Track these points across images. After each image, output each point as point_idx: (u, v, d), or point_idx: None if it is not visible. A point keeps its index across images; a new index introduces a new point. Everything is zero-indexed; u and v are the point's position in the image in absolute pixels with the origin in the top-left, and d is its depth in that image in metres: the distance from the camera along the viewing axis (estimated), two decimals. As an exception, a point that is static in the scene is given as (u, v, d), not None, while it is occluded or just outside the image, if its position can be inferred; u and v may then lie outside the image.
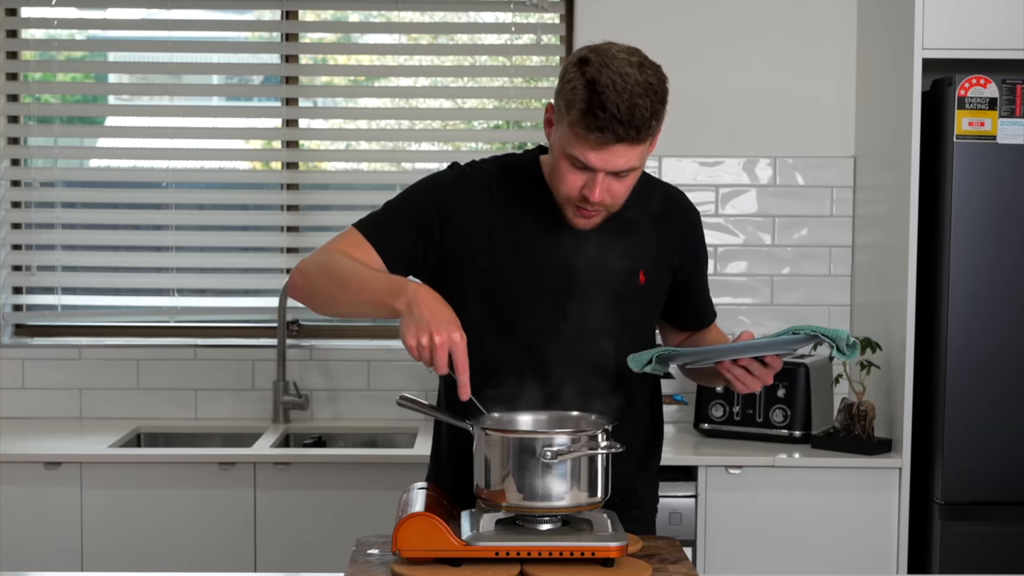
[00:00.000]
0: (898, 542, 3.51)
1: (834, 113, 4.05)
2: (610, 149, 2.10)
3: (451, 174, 2.35)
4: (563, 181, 2.18)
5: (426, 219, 2.28)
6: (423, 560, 2.06)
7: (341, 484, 3.56)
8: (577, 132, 2.10)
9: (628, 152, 2.11)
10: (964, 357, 3.45)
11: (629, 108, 2.06)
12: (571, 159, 2.14)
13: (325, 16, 4.26)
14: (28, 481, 3.53)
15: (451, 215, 2.28)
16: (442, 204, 2.29)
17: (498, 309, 2.28)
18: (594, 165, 2.12)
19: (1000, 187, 3.42)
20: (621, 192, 2.19)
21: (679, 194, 2.46)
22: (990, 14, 3.46)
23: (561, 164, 2.17)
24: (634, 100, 2.06)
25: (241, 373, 4.11)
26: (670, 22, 4.03)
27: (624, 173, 2.15)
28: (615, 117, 2.06)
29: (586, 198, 2.16)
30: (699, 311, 2.53)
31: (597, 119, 2.06)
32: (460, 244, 2.28)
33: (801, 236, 4.07)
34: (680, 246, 2.42)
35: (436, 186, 2.33)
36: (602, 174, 2.13)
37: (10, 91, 4.16)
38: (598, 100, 2.06)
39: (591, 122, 2.07)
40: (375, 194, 4.21)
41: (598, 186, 2.14)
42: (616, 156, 2.11)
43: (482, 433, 2.13)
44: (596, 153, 2.11)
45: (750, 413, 3.73)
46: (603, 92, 2.06)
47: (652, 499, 2.54)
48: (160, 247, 4.21)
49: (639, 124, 2.07)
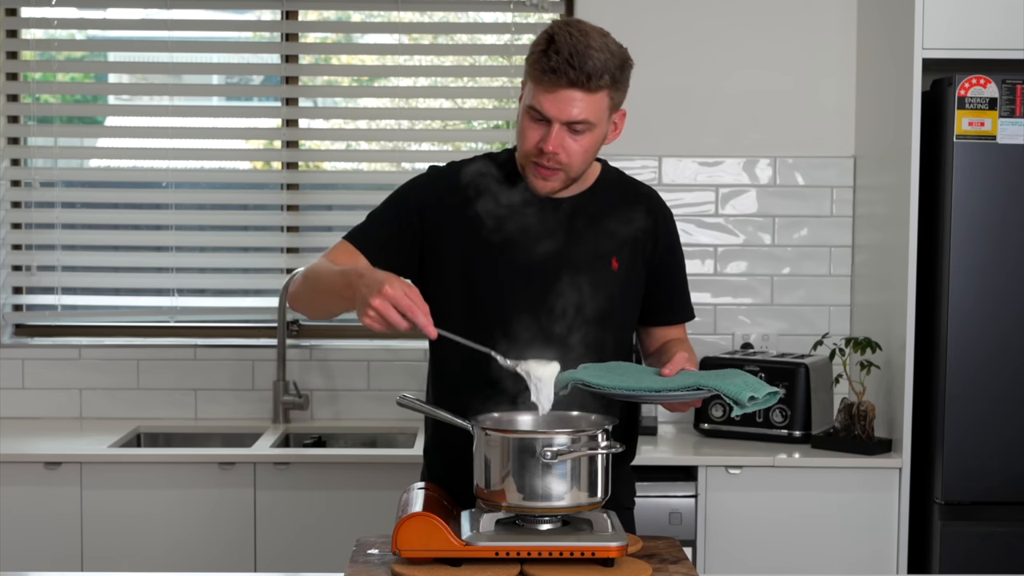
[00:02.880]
0: (898, 542, 3.51)
1: (834, 113, 4.05)
2: (562, 94, 2.21)
3: (428, 174, 2.46)
4: (523, 138, 2.28)
5: (407, 220, 2.38)
6: (423, 560, 2.06)
7: (341, 484, 3.56)
8: (533, 77, 2.24)
9: (581, 101, 2.22)
10: (964, 357, 3.45)
11: (582, 55, 2.20)
12: (530, 112, 2.26)
13: (325, 16, 4.26)
14: (28, 481, 3.53)
15: (429, 213, 2.38)
16: (420, 203, 2.39)
17: (479, 300, 2.35)
18: (548, 112, 2.23)
19: (1000, 187, 3.42)
20: (576, 152, 2.27)
21: (652, 192, 2.52)
22: (990, 14, 3.46)
23: (523, 122, 2.28)
24: (588, 51, 2.20)
25: (241, 373, 4.11)
26: (670, 22, 4.03)
27: (579, 127, 2.25)
28: (567, 61, 2.19)
29: (542, 151, 2.25)
30: (659, 308, 2.51)
31: (550, 60, 2.20)
32: (439, 239, 2.37)
33: (801, 236, 4.07)
34: (652, 240, 2.45)
35: (414, 187, 2.44)
36: (557, 125, 2.23)
37: (10, 91, 4.16)
38: (554, 46, 2.21)
39: (544, 64, 2.21)
40: (375, 194, 4.20)
41: (553, 136, 2.24)
42: (568, 103, 2.21)
43: (482, 433, 2.14)
44: (549, 96, 2.22)
45: (750, 413, 3.72)
46: (559, 38, 2.21)
47: (628, 492, 2.55)
48: (160, 247, 4.21)
49: (590, 71, 2.20)
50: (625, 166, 2.64)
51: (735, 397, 2.14)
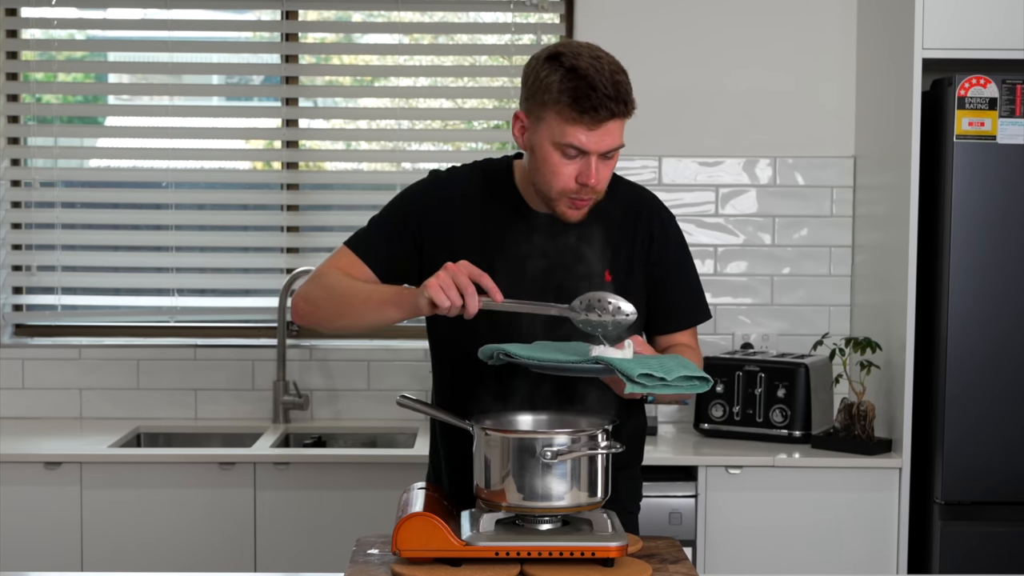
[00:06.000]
0: (898, 542, 3.51)
1: (834, 113, 4.05)
2: (603, 127, 2.20)
3: (429, 181, 2.45)
4: (556, 175, 2.24)
5: (409, 227, 2.38)
6: (423, 560, 2.06)
7: (341, 484, 3.56)
8: (569, 118, 2.19)
9: (617, 128, 2.23)
10: (964, 357, 3.44)
11: (614, 84, 2.19)
12: (563, 150, 2.22)
13: (325, 16, 4.26)
14: (28, 481, 3.53)
15: (431, 220, 2.38)
16: (422, 210, 2.39)
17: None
18: (588, 148, 2.21)
19: (1000, 187, 3.42)
20: (608, 176, 2.28)
21: (648, 195, 2.50)
22: (990, 14, 3.46)
23: (552, 159, 2.23)
24: (615, 77, 2.20)
25: (241, 373, 4.11)
26: (670, 22, 4.03)
27: (611, 153, 2.25)
28: (606, 95, 2.17)
29: (584, 184, 2.23)
30: (668, 314, 2.48)
31: (590, 99, 2.17)
32: (440, 247, 2.35)
33: (801, 236, 4.07)
34: (647, 245, 2.43)
35: (416, 194, 2.44)
36: (595, 156, 2.22)
37: (10, 91, 4.16)
38: (586, 83, 2.17)
39: (585, 104, 2.17)
40: (375, 194, 4.21)
41: (594, 168, 2.22)
42: (608, 134, 2.21)
43: (482, 433, 2.14)
44: (590, 134, 2.20)
45: (750, 413, 3.73)
46: (587, 75, 2.17)
47: (634, 495, 2.53)
48: (160, 247, 4.21)
49: (625, 97, 2.20)
50: (625, 166, 2.64)
51: (625, 372, 2.05)
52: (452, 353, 2.41)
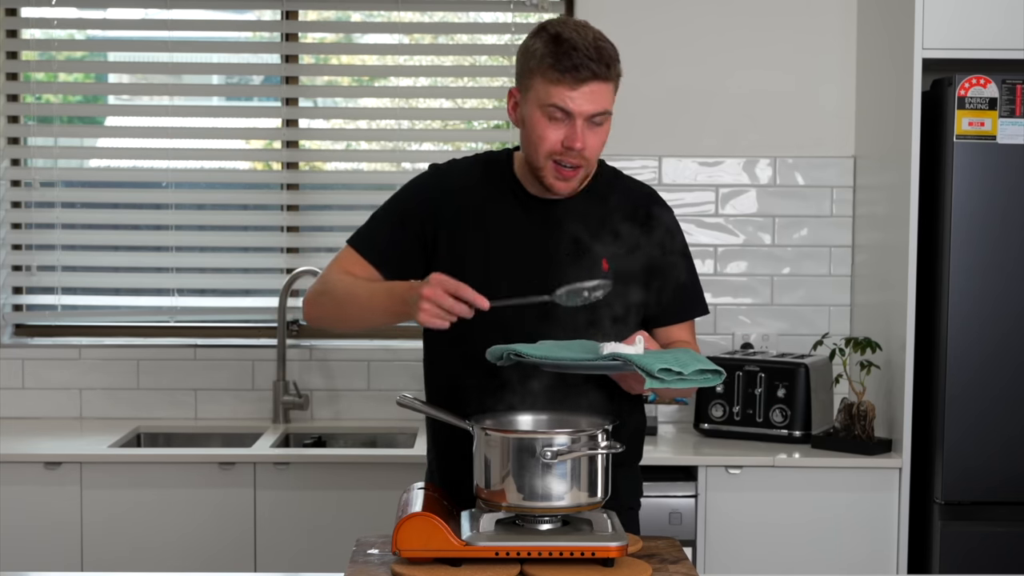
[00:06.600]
0: (898, 542, 3.51)
1: (834, 113, 4.05)
2: (585, 87, 2.25)
3: (429, 174, 2.48)
4: (543, 139, 2.29)
5: (410, 220, 2.40)
6: (423, 560, 2.06)
7: (341, 484, 3.56)
8: (552, 79, 2.26)
9: (601, 91, 2.27)
10: (964, 357, 3.45)
11: (596, 47, 2.26)
12: (548, 112, 2.27)
13: (325, 16, 4.26)
14: (28, 481, 3.53)
15: (432, 212, 2.40)
16: (423, 202, 2.41)
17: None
18: (572, 108, 2.25)
19: (1000, 187, 3.42)
20: (596, 145, 2.31)
21: (648, 188, 2.52)
22: (990, 14, 3.46)
23: (539, 123, 2.28)
24: (598, 42, 2.28)
25: (241, 373, 4.11)
26: (670, 22, 4.03)
27: (597, 119, 2.28)
28: (586, 55, 2.24)
29: (569, 148, 2.27)
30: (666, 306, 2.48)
31: (571, 58, 2.24)
32: (442, 238, 2.38)
33: (801, 236, 4.07)
34: (646, 236, 2.42)
35: (416, 187, 2.47)
36: (581, 120, 2.26)
37: (10, 91, 4.16)
38: (567, 45, 2.25)
39: (566, 63, 2.24)
40: (375, 194, 4.21)
41: (579, 132, 2.26)
42: (591, 96, 2.26)
43: (482, 433, 2.14)
44: (573, 93, 2.25)
45: (750, 413, 3.73)
46: (570, 39, 2.26)
47: (633, 491, 2.53)
48: (160, 247, 4.21)
49: (608, 60, 2.27)
50: (625, 166, 2.64)
51: (645, 367, 2.06)
52: (451, 354, 2.41)
